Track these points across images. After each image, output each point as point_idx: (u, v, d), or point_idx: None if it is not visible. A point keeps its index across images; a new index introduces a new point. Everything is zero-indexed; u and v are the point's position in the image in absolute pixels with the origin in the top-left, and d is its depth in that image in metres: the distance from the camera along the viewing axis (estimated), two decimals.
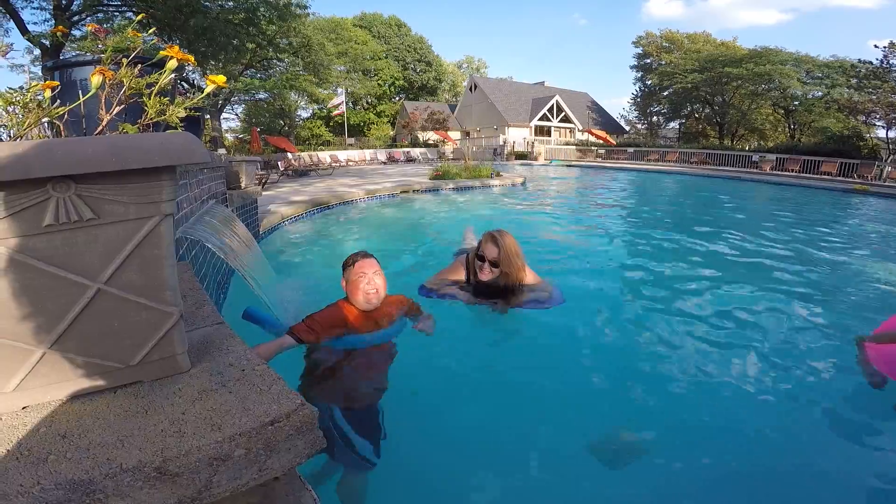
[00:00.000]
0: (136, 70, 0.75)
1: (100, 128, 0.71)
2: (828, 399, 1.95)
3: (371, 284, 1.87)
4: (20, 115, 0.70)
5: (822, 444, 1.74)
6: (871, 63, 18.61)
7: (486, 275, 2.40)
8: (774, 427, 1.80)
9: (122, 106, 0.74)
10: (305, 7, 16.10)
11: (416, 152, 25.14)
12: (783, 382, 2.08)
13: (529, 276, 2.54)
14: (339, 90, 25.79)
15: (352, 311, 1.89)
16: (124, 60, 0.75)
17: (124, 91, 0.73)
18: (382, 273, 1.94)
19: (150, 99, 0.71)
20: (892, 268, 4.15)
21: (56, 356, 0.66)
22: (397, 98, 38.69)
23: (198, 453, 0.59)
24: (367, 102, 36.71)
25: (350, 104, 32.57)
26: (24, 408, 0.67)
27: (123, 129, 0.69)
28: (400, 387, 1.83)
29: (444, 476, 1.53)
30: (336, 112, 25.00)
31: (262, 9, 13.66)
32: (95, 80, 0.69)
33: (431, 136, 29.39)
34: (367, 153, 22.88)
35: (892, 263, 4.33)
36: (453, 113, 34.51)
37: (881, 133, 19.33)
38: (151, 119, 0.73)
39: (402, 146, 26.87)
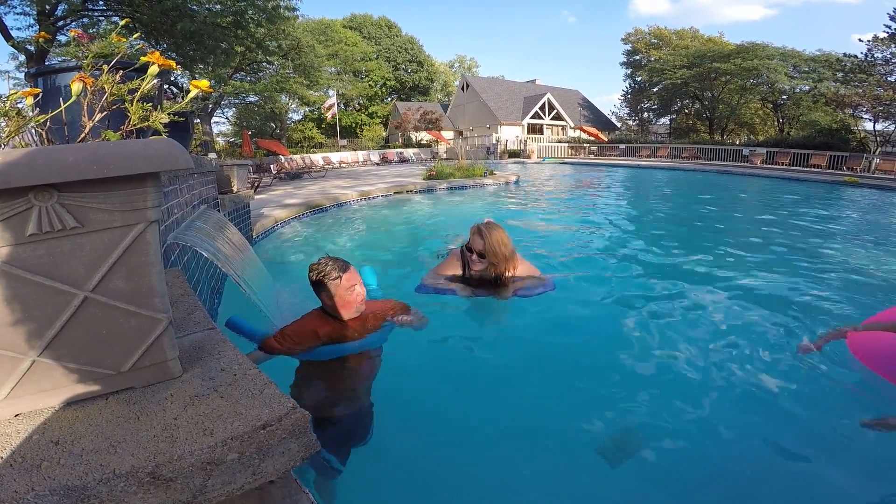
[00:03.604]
0: (117, 76, 0.75)
1: (82, 135, 0.71)
2: (829, 396, 1.95)
3: (358, 292, 1.82)
4: (1, 124, 0.70)
5: (820, 441, 1.74)
6: (856, 57, 18.81)
7: (477, 265, 2.48)
8: (771, 421, 1.81)
9: (105, 112, 0.74)
10: (294, 9, 15.99)
11: (409, 153, 25.13)
12: (780, 377, 2.09)
13: (523, 268, 2.59)
14: (331, 92, 25.69)
15: (328, 320, 1.82)
16: (105, 67, 0.75)
17: (106, 98, 0.73)
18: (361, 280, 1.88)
19: (132, 105, 0.71)
20: (887, 258, 4.21)
21: (46, 364, 0.65)
22: (389, 99, 38.62)
23: (190, 458, 0.59)
24: (359, 104, 36.61)
25: (342, 106, 32.47)
26: (16, 415, 0.66)
27: (106, 136, 0.69)
28: (396, 385, 1.83)
29: (441, 474, 1.54)
30: (329, 114, 24.92)
31: (250, 11, 13.55)
32: (75, 87, 0.68)
33: (424, 136, 29.36)
34: (360, 154, 22.84)
35: (888, 253, 4.38)
36: (446, 112, 34.49)
37: (869, 126, 19.61)
38: (134, 125, 0.72)
39: (395, 147, 26.82)
